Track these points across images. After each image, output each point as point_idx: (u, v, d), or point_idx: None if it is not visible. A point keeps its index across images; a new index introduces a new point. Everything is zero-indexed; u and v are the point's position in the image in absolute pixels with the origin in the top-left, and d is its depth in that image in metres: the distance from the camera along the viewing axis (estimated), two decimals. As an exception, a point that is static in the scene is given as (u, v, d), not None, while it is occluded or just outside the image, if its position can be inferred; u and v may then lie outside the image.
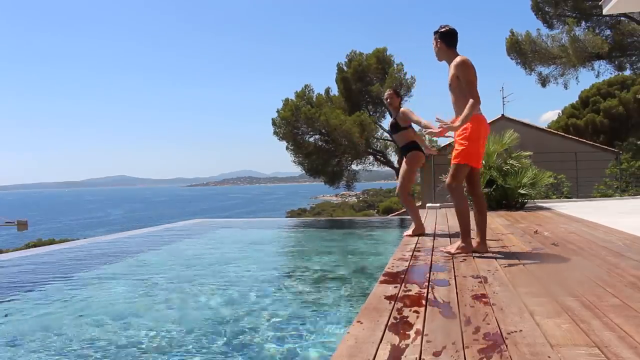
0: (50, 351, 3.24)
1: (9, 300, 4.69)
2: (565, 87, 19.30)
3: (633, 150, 15.89)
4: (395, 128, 5.92)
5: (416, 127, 5.99)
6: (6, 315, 4.15)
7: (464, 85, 4.06)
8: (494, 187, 9.25)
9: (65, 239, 18.60)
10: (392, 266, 3.91)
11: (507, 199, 9.38)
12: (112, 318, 3.99)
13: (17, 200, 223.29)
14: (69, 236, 32.32)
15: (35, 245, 19.11)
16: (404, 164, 5.96)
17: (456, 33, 4.31)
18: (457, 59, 4.14)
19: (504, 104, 21.80)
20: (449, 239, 5.49)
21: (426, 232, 5.92)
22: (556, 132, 24.29)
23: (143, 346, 3.27)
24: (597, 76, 19.43)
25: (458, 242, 4.39)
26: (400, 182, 6.00)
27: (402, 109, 5.81)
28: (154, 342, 3.35)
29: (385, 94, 6.01)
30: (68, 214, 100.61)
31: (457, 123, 4.04)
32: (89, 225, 67.56)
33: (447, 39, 4.27)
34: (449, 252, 4.34)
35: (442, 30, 4.28)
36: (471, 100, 3.95)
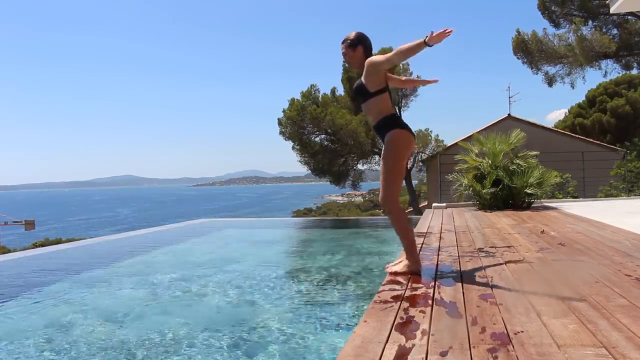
0: (57, 350, 3.26)
1: (16, 300, 4.73)
2: (572, 86, 19.20)
3: (638, 150, 15.77)
4: (361, 93, 3.58)
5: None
6: None
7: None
8: (500, 186, 9.23)
9: (72, 239, 18.69)
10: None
11: (514, 199, 9.36)
12: (119, 317, 4.01)
13: (24, 200, 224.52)
14: (77, 236, 32.46)
15: (42, 245, 19.21)
16: (383, 154, 3.56)
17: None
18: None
19: (510, 104, 21.77)
20: (455, 238, 5.48)
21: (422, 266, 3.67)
22: (563, 131, 24.19)
23: (149, 345, 3.29)
24: (604, 75, 19.32)
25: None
26: (383, 186, 3.53)
27: (368, 60, 3.49)
28: (160, 340, 3.37)
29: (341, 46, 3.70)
30: (76, 213, 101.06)
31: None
32: (98, 224, 67.82)
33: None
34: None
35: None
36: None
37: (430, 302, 2.78)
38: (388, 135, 3.47)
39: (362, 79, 3.55)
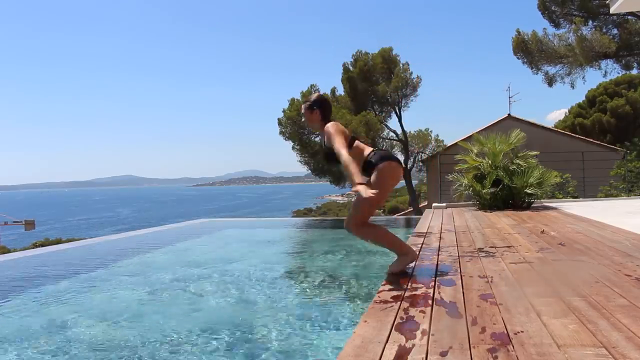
0: (57, 350, 3.26)
1: (16, 300, 4.72)
2: (572, 86, 19.19)
3: (638, 150, 15.76)
4: (332, 158, 3.58)
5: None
6: None
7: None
8: (500, 186, 9.23)
9: (72, 239, 18.69)
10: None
11: (514, 199, 9.36)
12: (119, 317, 4.01)
13: (24, 200, 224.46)
14: (77, 236, 32.46)
15: (42, 245, 19.21)
16: (368, 180, 3.59)
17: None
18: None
19: (510, 104, 21.79)
20: (455, 238, 5.48)
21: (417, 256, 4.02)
22: (563, 131, 24.20)
23: (150, 344, 3.28)
24: (604, 75, 19.31)
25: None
26: (354, 209, 3.67)
27: (326, 127, 3.59)
28: (160, 340, 3.36)
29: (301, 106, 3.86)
30: (76, 213, 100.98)
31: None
32: (98, 224, 67.76)
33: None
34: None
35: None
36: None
37: (430, 302, 2.78)
38: (376, 169, 3.53)
39: (327, 144, 3.61)
